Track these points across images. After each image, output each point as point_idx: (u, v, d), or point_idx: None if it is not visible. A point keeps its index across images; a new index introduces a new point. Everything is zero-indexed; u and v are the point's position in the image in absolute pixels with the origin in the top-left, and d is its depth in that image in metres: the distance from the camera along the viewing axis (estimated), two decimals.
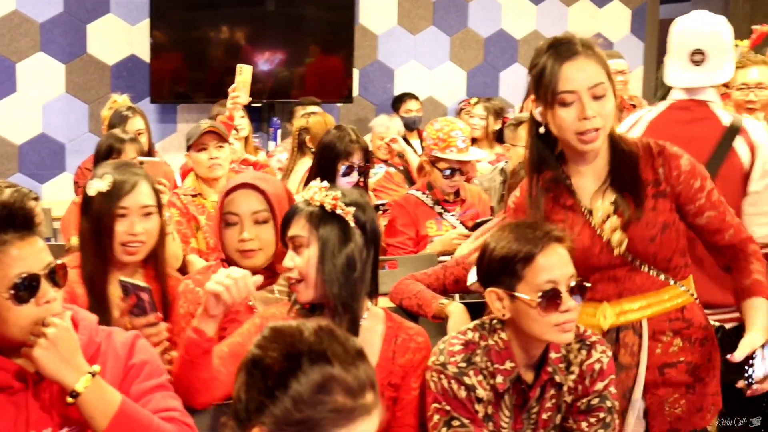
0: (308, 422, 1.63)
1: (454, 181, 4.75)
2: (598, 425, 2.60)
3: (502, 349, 2.57)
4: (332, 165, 4.45)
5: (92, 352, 2.23)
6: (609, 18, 9.88)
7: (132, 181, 2.95)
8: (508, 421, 2.59)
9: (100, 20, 7.90)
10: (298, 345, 1.67)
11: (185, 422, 2.28)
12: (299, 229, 2.59)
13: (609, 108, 2.65)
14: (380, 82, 9.02)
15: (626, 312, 2.77)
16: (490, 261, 2.58)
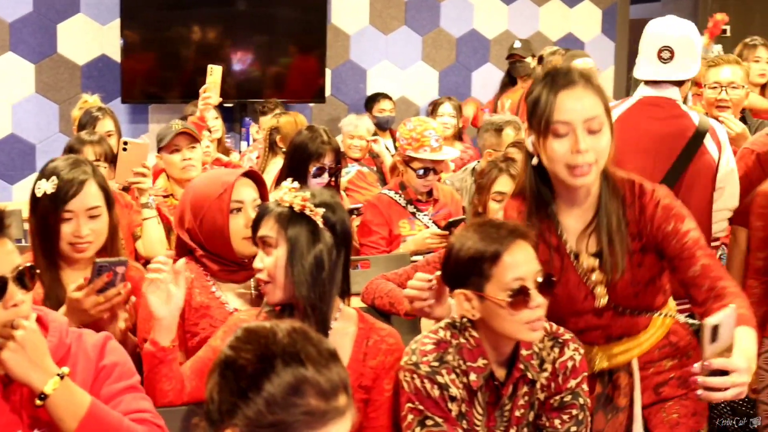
0: (280, 425, 1.63)
1: (427, 180, 4.76)
2: (571, 422, 2.61)
3: (474, 347, 2.57)
4: (303, 166, 4.45)
5: (62, 353, 2.22)
6: (580, 18, 9.92)
7: (78, 182, 2.93)
8: (481, 418, 2.59)
9: (71, 20, 7.85)
10: (271, 346, 1.66)
11: (156, 423, 2.27)
12: (268, 230, 2.59)
13: (604, 143, 2.60)
14: (352, 82, 9.01)
15: (616, 355, 2.81)
16: (456, 262, 2.57)
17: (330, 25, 8.74)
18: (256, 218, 2.66)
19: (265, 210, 2.63)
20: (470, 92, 9.44)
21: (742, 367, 2.17)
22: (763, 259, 3.36)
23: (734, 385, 2.17)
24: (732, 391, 2.17)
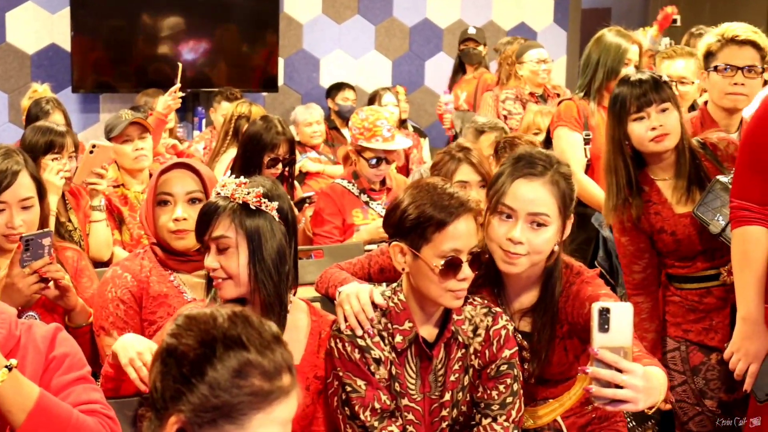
0: (225, 407, 1.64)
1: (380, 170, 4.76)
2: (507, 392, 2.66)
3: (401, 311, 2.63)
4: (258, 157, 4.45)
5: (12, 345, 2.21)
6: (533, 8, 9.98)
7: (12, 174, 2.93)
8: (414, 382, 2.64)
9: (20, 8, 7.77)
10: (212, 331, 1.67)
11: (107, 414, 2.27)
12: (224, 230, 2.55)
13: (543, 239, 2.65)
14: (305, 71, 9.00)
15: (541, 416, 2.87)
16: (402, 216, 2.61)
17: (282, 13, 8.73)
18: (204, 217, 2.59)
19: (215, 208, 2.57)
20: (423, 81, 9.47)
21: (635, 370, 2.16)
22: (641, 271, 3.43)
23: (626, 385, 2.14)
24: (624, 393, 2.14)
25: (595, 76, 4.61)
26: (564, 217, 2.69)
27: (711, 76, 3.81)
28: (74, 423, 2.16)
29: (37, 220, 3.01)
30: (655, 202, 3.36)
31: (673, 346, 3.39)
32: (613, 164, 3.39)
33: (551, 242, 2.67)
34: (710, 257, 3.33)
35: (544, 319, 2.74)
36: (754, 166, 2.97)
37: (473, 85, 7.47)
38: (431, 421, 2.67)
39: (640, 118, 3.30)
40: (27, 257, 2.78)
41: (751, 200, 2.97)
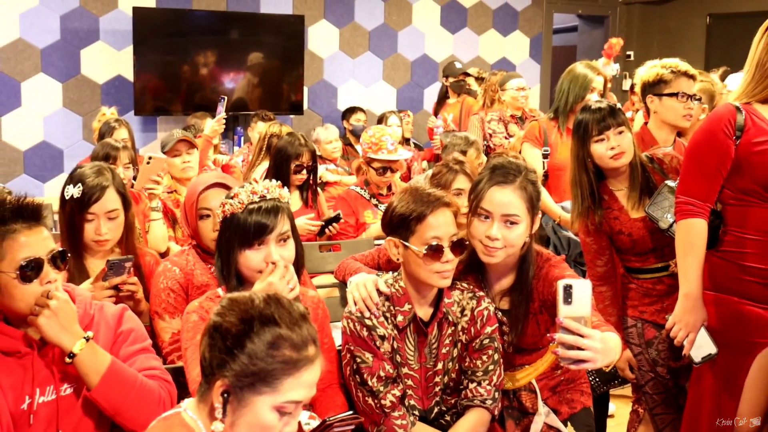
0: (262, 373, 1.66)
1: (386, 177, 4.78)
2: (489, 361, 2.67)
3: (401, 295, 2.64)
4: (286, 164, 4.47)
5: (87, 321, 2.24)
6: (512, 45, 9.95)
7: (100, 189, 2.94)
8: (413, 354, 2.65)
9: (92, 46, 7.78)
10: (250, 311, 1.69)
11: (165, 378, 2.29)
12: (287, 226, 2.52)
13: (515, 234, 2.66)
14: (326, 97, 9.00)
15: (519, 380, 2.87)
16: (391, 216, 2.63)
17: (307, 50, 8.73)
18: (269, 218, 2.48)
19: (278, 209, 2.50)
20: (423, 106, 9.45)
21: (594, 335, 2.18)
22: (603, 265, 3.41)
23: (586, 347, 2.16)
24: (586, 354, 2.16)
25: (564, 100, 4.62)
26: (532, 215, 2.70)
27: (664, 101, 3.78)
28: (139, 385, 2.19)
29: (122, 228, 3.01)
30: (614, 208, 3.36)
31: (631, 324, 3.39)
32: (578, 178, 3.39)
33: (523, 236, 2.67)
34: (660, 253, 3.33)
35: (520, 298, 2.75)
36: (698, 170, 2.97)
37: (458, 108, 7.46)
38: (426, 386, 2.68)
39: (600, 139, 3.30)
40: (110, 274, 2.80)
41: (694, 197, 2.97)
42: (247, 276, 2.51)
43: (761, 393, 2.95)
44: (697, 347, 2.98)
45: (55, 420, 2.17)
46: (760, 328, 2.91)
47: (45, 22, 7.57)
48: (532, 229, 2.72)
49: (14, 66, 7.50)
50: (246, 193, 2.51)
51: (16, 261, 2.09)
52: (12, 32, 7.47)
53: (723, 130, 2.91)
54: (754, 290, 2.91)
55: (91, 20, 7.77)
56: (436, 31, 9.53)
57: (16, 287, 2.10)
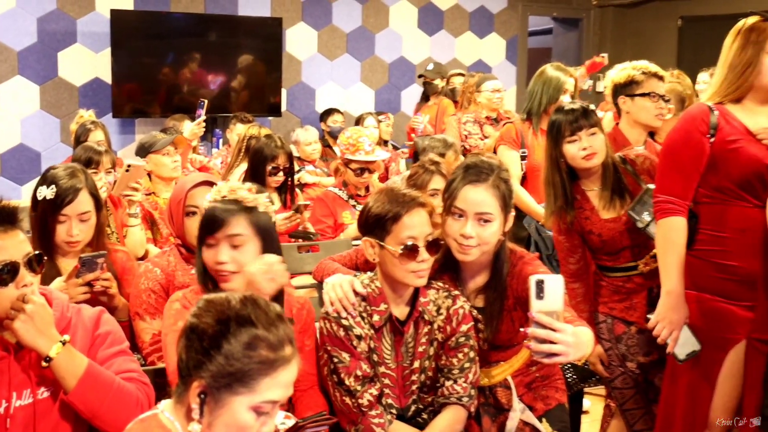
0: (238, 373, 1.65)
1: (363, 178, 4.77)
2: (465, 359, 2.68)
3: (378, 295, 2.63)
4: (262, 166, 4.45)
5: (64, 325, 2.21)
6: (488, 47, 9.98)
7: (73, 191, 2.91)
8: (389, 353, 2.65)
9: (69, 49, 7.74)
10: (227, 312, 1.68)
11: (142, 381, 2.27)
12: (241, 228, 2.46)
13: (489, 232, 2.66)
14: (304, 99, 8.99)
15: (494, 376, 2.88)
16: (367, 217, 2.63)
17: (285, 52, 8.71)
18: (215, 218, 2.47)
19: (228, 210, 2.48)
20: (400, 107, 9.47)
21: (566, 329, 2.18)
22: (575, 263, 3.43)
23: (558, 341, 2.17)
24: (558, 347, 2.17)
25: (537, 102, 4.64)
26: (505, 213, 2.70)
27: (638, 101, 3.81)
28: (116, 388, 2.17)
29: (93, 229, 2.98)
30: (585, 209, 3.38)
31: (602, 319, 3.41)
32: (551, 178, 3.41)
33: (496, 234, 2.68)
34: (630, 253, 3.35)
35: (495, 295, 2.75)
36: (675, 168, 3.00)
37: (434, 109, 7.48)
38: (403, 384, 2.67)
39: (573, 140, 3.32)
40: (83, 271, 2.77)
41: (673, 195, 2.99)
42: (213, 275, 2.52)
43: (734, 388, 2.98)
44: (681, 344, 3.00)
45: (32, 423, 2.15)
46: (733, 324, 2.94)
47: (22, 24, 7.52)
48: (506, 227, 2.73)
49: None
50: (214, 191, 2.54)
51: None
52: None
53: (698, 129, 2.94)
54: (729, 288, 2.94)
55: (69, 22, 7.72)
56: (413, 34, 9.54)
57: None
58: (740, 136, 2.91)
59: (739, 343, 2.94)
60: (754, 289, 2.87)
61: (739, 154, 2.89)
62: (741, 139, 2.90)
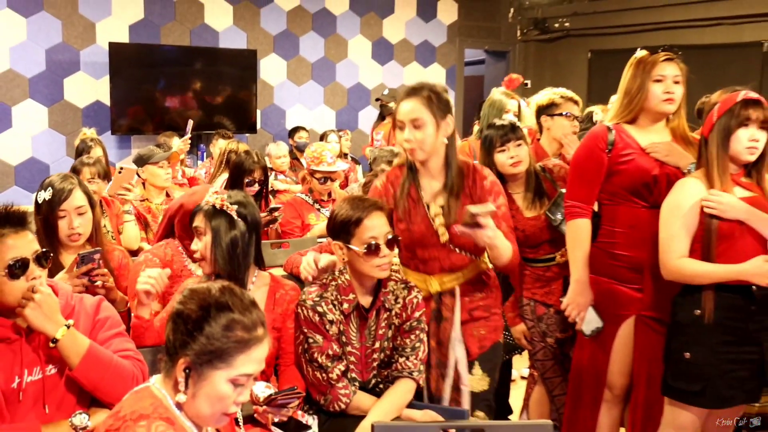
0: (218, 351, 1.65)
1: (326, 186, 4.75)
2: (416, 340, 2.69)
3: (347, 286, 2.63)
4: (240, 179, 4.42)
5: (68, 311, 2.19)
6: (431, 75, 10.01)
7: (67, 190, 2.88)
8: (355, 335, 2.65)
9: (73, 76, 7.62)
10: (208, 299, 1.68)
11: (137, 358, 2.26)
12: (199, 222, 2.57)
13: (423, 135, 2.68)
14: (275, 118, 8.95)
15: (445, 282, 2.86)
16: (334, 223, 2.63)
17: (259, 79, 8.66)
18: (191, 214, 2.63)
19: (197, 209, 2.61)
20: (357, 126, 9.47)
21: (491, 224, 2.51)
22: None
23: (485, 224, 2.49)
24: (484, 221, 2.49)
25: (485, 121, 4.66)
26: (438, 119, 2.71)
27: (557, 120, 3.86)
28: (114, 364, 2.16)
29: (91, 223, 2.94)
30: (511, 209, 3.40)
31: (526, 302, 3.43)
32: None
33: (431, 136, 2.70)
34: (548, 246, 3.39)
35: (449, 192, 2.76)
36: (580, 178, 3.05)
37: (388, 127, 7.51)
38: (366, 362, 2.68)
39: (502, 150, 3.35)
40: (80, 265, 2.72)
41: (579, 200, 3.04)
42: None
43: (626, 355, 3.05)
44: (587, 322, 3.05)
45: (41, 396, 2.12)
46: (625, 303, 3.00)
47: (32, 54, 7.39)
48: (444, 132, 2.73)
49: (5, 93, 7.31)
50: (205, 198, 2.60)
51: (4, 261, 2.05)
52: (3, 64, 7.28)
53: (597, 146, 2.99)
54: (621, 273, 3.00)
55: (73, 53, 7.60)
56: (368, 63, 9.55)
57: (5, 283, 2.06)
58: (633, 150, 2.96)
59: (630, 318, 3.00)
60: (641, 274, 2.94)
61: (631, 166, 2.94)
62: (633, 153, 2.95)
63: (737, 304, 2.60)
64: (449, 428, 2.36)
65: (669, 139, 2.97)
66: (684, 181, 2.73)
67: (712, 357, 2.61)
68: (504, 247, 2.65)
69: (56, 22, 7.51)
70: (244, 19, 8.61)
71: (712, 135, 2.64)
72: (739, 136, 2.59)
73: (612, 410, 3.14)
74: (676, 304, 2.71)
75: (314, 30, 9.12)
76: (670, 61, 2.91)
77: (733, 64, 7.82)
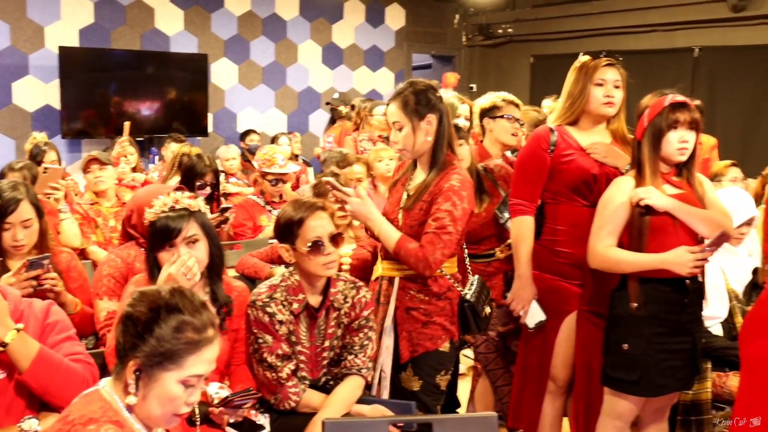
0: (168, 353, 1.62)
1: (278, 188, 4.74)
2: (365, 338, 2.69)
3: (297, 287, 2.61)
4: (192, 181, 4.37)
5: (17, 315, 2.14)
6: (380, 79, 10.04)
7: (15, 202, 2.79)
8: (305, 334, 2.64)
9: (22, 79, 7.43)
10: (158, 301, 1.65)
11: (88, 362, 2.22)
12: (195, 230, 2.45)
13: (402, 136, 2.77)
14: (227, 122, 8.86)
15: (386, 269, 2.88)
16: (279, 226, 2.62)
17: (211, 83, 8.58)
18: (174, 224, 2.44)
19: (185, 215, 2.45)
20: (308, 129, 9.44)
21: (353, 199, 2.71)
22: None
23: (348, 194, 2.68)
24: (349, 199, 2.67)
25: None
26: (413, 120, 2.75)
27: (499, 122, 3.87)
28: (64, 367, 2.11)
29: (36, 234, 2.85)
30: None
31: None
32: None
33: (409, 136, 2.77)
34: (489, 242, 3.42)
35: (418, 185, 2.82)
36: (524, 177, 3.08)
37: (338, 130, 7.51)
38: (316, 360, 2.67)
39: None
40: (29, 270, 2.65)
41: (523, 198, 3.07)
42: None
43: (568, 349, 3.09)
44: (530, 316, 3.08)
45: None
46: (567, 298, 3.05)
47: None
48: (428, 132, 2.76)
49: None
50: (159, 204, 2.47)
51: None
52: None
53: (540, 146, 3.03)
54: (564, 269, 3.04)
55: (21, 57, 7.41)
56: (318, 68, 9.52)
57: None
58: (573, 151, 3.01)
59: (572, 313, 3.05)
60: (582, 271, 2.99)
61: (572, 166, 2.99)
62: (574, 153, 3.00)
63: (671, 297, 2.66)
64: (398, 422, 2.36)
65: (609, 141, 3.03)
66: (619, 179, 2.79)
67: (647, 347, 2.67)
68: (378, 227, 2.75)
69: (4, 26, 7.32)
70: (195, 24, 8.51)
71: (644, 138, 2.69)
72: (669, 139, 2.65)
73: (555, 401, 3.19)
74: (614, 298, 2.76)
75: (265, 35, 9.05)
76: (611, 66, 2.97)
77: (667, 69, 8.02)
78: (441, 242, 2.67)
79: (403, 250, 2.71)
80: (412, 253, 2.69)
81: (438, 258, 2.68)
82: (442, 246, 2.68)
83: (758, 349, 2.38)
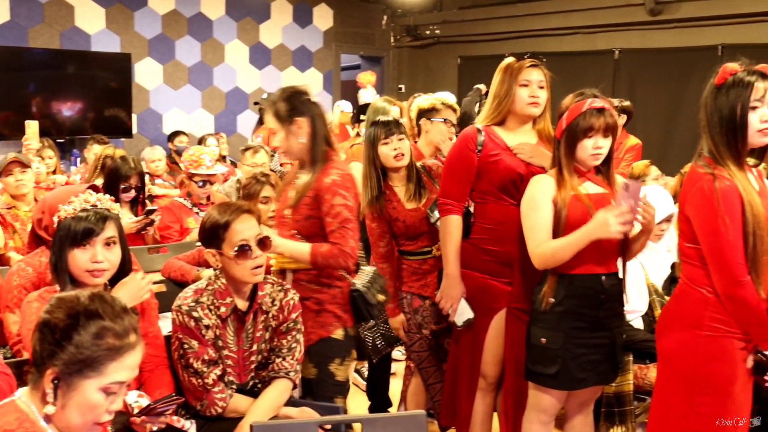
0: (88, 360, 1.57)
1: (205, 189, 4.66)
2: (293, 341, 2.67)
3: (224, 290, 2.57)
4: (115, 185, 4.25)
5: None
6: (309, 79, 10.01)
7: None
8: (233, 339, 2.60)
9: None
10: (76, 307, 1.59)
11: (4, 372, 2.11)
12: (113, 231, 2.38)
13: (277, 140, 2.94)
14: (152, 123, 8.68)
15: (279, 261, 2.96)
16: (204, 230, 2.57)
17: (135, 83, 8.40)
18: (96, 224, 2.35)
19: (104, 217, 2.37)
20: (236, 129, 9.34)
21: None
22: (384, 246, 3.44)
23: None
24: None
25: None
26: (284, 125, 2.91)
27: (435, 124, 3.92)
28: None
29: None
30: (393, 201, 3.43)
31: (404, 295, 3.45)
32: (368, 174, 3.44)
33: (283, 140, 2.92)
34: (426, 239, 3.44)
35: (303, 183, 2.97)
36: (452, 177, 3.11)
37: (267, 131, 7.45)
38: (244, 364, 2.63)
39: (386, 143, 3.37)
40: None
41: (451, 198, 3.10)
42: (77, 275, 2.36)
43: (499, 345, 3.14)
44: (459, 314, 3.11)
45: None
46: (496, 296, 3.09)
47: None
48: (299, 135, 2.90)
49: None
50: (80, 201, 2.38)
51: None
52: None
53: (467, 147, 3.07)
54: (492, 267, 3.09)
55: None
56: (245, 68, 9.42)
57: None
58: (500, 151, 3.05)
59: (501, 311, 3.09)
60: (511, 269, 3.04)
61: (499, 165, 3.03)
62: (501, 153, 3.05)
63: (588, 293, 2.72)
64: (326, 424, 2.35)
65: (535, 141, 3.08)
66: (537, 177, 2.84)
67: (565, 342, 2.72)
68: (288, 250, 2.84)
69: None
70: (117, 23, 8.29)
71: (561, 140, 2.75)
72: (584, 145, 2.70)
73: (486, 397, 3.23)
74: (535, 293, 2.81)
75: (190, 34, 8.90)
76: (536, 67, 3.02)
77: (589, 70, 8.24)
78: (349, 231, 2.84)
79: (320, 257, 2.83)
80: (329, 254, 2.83)
81: (352, 245, 2.84)
82: (351, 234, 2.85)
83: (672, 341, 2.46)
